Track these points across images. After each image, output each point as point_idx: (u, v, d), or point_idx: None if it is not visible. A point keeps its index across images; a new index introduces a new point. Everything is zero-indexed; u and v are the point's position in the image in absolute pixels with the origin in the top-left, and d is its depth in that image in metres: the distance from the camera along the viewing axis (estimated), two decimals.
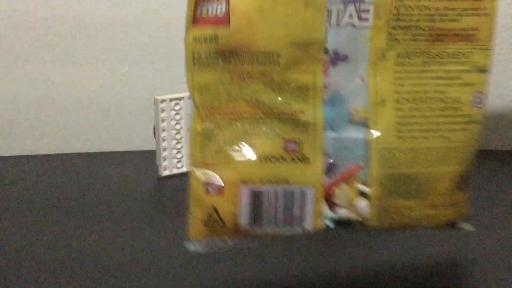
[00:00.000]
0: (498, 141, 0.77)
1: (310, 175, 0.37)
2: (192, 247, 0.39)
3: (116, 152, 0.74)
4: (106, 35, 0.77)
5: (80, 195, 0.58)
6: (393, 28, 0.37)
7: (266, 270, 0.38)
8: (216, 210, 0.37)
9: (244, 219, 0.37)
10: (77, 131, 0.79)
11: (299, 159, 0.38)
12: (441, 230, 0.41)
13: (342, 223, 0.39)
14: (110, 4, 0.76)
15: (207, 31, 0.36)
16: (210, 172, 0.37)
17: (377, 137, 0.38)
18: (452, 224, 0.40)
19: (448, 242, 0.40)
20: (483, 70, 0.38)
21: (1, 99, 0.78)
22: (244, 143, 0.38)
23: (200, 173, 0.37)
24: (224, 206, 0.37)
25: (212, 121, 0.37)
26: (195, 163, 0.38)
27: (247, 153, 0.37)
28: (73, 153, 0.74)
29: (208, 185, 0.37)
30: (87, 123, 0.79)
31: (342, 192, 0.38)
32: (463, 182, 0.40)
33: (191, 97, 0.38)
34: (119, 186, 0.61)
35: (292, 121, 0.38)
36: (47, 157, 0.72)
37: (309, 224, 0.38)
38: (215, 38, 0.36)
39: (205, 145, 0.38)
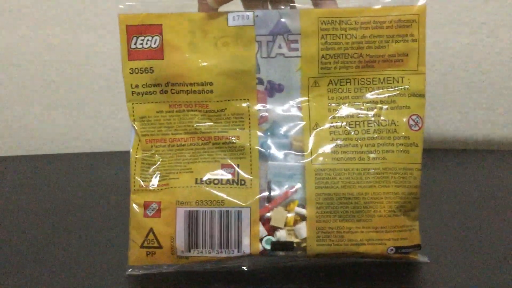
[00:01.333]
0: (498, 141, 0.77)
1: (246, 197, 0.38)
2: (132, 273, 0.39)
3: (116, 152, 0.73)
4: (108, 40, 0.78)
5: (80, 195, 0.58)
6: (323, 56, 0.39)
7: None
8: (153, 232, 0.38)
9: (180, 240, 0.38)
10: (77, 131, 0.79)
11: (235, 182, 0.39)
12: (389, 260, 0.40)
13: (280, 246, 0.38)
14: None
15: (142, 63, 0.39)
16: (148, 196, 0.39)
17: (313, 159, 0.39)
18: (400, 252, 0.39)
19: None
20: (418, 94, 0.40)
21: (1, 99, 0.78)
22: (182, 168, 0.39)
23: (139, 197, 0.39)
24: (160, 227, 0.38)
25: (152, 149, 0.39)
26: (134, 188, 0.39)
27: (185, 177, 0.39)
28: (73, 153, 0.74)
29: (146, 208, 0.38)
30: (87, 123, 0.79)
31: (277, 214, 0.38)
32: (408, 207, 0.39)
33: (132, 126, 0.40)
34: (119, 186, 0.61)
35: (229, 146, 0.39)
36: (47, 157, 0.71)
37: (247, 246, 0.38)
38: (151, 69, 0.39)
39: (145, 170, 0.39)
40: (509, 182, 0.59)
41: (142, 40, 0.39)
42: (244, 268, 0.40)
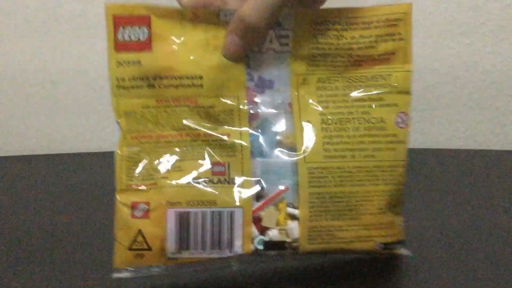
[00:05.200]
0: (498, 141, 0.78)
1: (239, 196, 0.37)
2: (119, 275, 0.38)
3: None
4: None
5: (80, 195, 0.57)
6: (313, 55, 0.39)
7: None
8: (142, 234, 0.37)
9: (170, 242, 0.37)
10: (78, 131, 0.78)
11: (227, 181, 0.37)
12: (376, 255, 0.40)
13: (272, 246, 0.38)
14: None
15: (129, 55, 0.37)
16: (136, 196, 0.37)
17: (305, 157, 0.38)
18: (387, 248, 0.40)
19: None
20: (404, 91, 0.40)
21: (1, 99, 0.77)
22: (171, 167, 0.38)
23: (126, 197, 0.37)
24: (150, 229, 0.37)
25: (138, 146, 0.38)
26: (120, 187, 0.37)
27: (174, 176, 0.37)
28: (73, 153, 0.73)
29: (133, 208, 0.37)
30: (87, 123, 0.78)
31: (268, 214, 0.38)
32: (394, 203, 0.40)
33: (117, 122, 0.38)
34: None
35: (219, 144, 0.38)
36: (47, 157, 0.71)
37: (239, 247, 0.37)
38: (138, 62, 0.37)
39: (131, 169, 0.38)
40: (505, 182, 0.60)
41: (130, 31, 0.37)
42: (234, 267, 0.39)
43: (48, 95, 0.77)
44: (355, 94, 0.39)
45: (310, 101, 0.39)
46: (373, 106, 0.39)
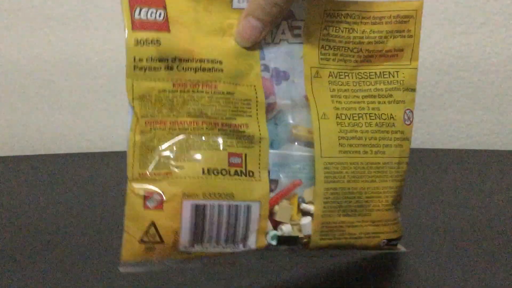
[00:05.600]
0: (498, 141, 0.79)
1: (256, 190, 0.36)
2: (126, 269, 0.35)
3: (116, 152, 0.71)
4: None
5: (80, 195, 0.56)
6: (323, 47, 0.39)
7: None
8: (154, 226, 0.34)
9: (184, 235, 0.35)
10: (77, 131, 0.77)
11: (243, 173, 0.36)
12: (379, 251, 0.41)
13: (285, 241, 0.37)
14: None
15: (148, 34, 0.35)
16: (149, 185, 0.35)
17: (322, 151, 0.37)
18: (389, 244, 0.40)
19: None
20: (410, 88, 0.40)
21: (1, 99, 0.76)
22: (186, 156, 0.36)
23: (138, 186, 0.35)
24: (163, 221, 0.34)
25: (152, 132, 0.35)
26: (132, 175, 0.35)
27: (190, 166, 0.35)
28: (73, 153, 0.71)
29: (146, 198, 0.34)
30: (87, 123, 0.77)
31: (283, 209, 0.37)
32: (397, 200, 0.40)
33: (130, 105, 0.35)
34: (120, 186, 0.58)
35: (237, 134, 0.36)
36: (47, 157, 0.70)
37: (253, 242, 0.36)
38: (157, 42, 0.35)
39: (144, 156, 0.35)
40: (505, 182, 0.61)
41: (146, 11, 0.35)
42: (243, 262, 0.38)
43: (48, 94, 0.76)
44: (365, 90, 0.39)
45: (324, 94, 0.39)
46: (383, 103, 0.39)
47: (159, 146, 0.35)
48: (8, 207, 0.53)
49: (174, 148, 0.35)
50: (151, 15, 0.35)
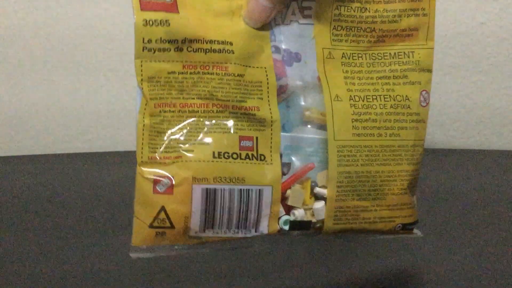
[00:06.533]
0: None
1: (268, 174, 0.35)
2: (136, 254, 0.35)
3: (116, 152, 0.72)
4: (108, 40, 0.75)
5: (80, 195, 0.56)
6: (335, 28, 0.37)
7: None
8: (164, 210, 0.34)
9: (195, 220, 0.34)
10: (77, 131, 0.77)
11: (255, 157, 0.35)
12: (394, 236, 0.40)
13: (297, 226, 0.36)
14: (117, 10, 0.74)
15: (157, 14, 0.34)
16: (158, 169, 0.34)
17: (335, 134, 0.36)
18: (405, 228, 0.39)
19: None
20: (426, 69, 0.39)
21: (1, 99, 0.76)
22: (196, 139, 0.35)
23: (148, 170, 0.34)
24: (173, 206, 0.34)
25: (161, 115, 0.34)
26: (142, 159, 0.34)
27: (200, 149, 0.35)
28: (73, 153, 0.72)
29: (156, 183, 0.34)
30: (87, 123, 0.77)
31: (295, 193, 0.36)
32: (413, 184, 0.39)
33: (139, 87, 0.34)
34: (120, 186, 0.59)
35: (248, 117, 0.35)
36: (47, 157, 0.70)
37: (265, 227, 0.35)
38: (167, 22, 0.34)
39: (153, 139, 0.34)
40: (505, 182, 0.60)
41: None
42: (255, 247, 0.37)
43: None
44: (379, 71, 0.38)
45: (337, 76, 0.37)
46: (398, 84, 0.38)
47: (169, 129, 0.35)
48: (8, 207, 0.53)
49: (184, 131, 0.35)
50: None
